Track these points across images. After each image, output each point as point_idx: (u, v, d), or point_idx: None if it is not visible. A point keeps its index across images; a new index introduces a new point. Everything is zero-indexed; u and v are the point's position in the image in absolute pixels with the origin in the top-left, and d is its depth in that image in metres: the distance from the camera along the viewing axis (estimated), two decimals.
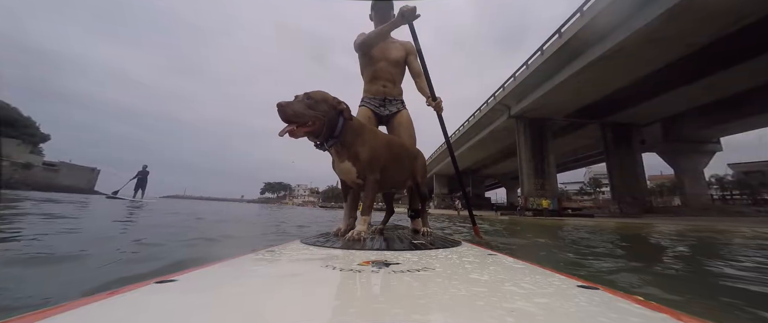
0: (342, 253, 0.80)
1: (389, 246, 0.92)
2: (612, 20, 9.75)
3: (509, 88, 16.04)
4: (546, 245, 2.74)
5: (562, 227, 5.68)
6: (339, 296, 0.44)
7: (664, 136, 17.99)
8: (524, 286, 0.47)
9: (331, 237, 1.15)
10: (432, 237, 1.28)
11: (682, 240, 3.40)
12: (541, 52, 13.24)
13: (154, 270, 1.19)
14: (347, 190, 1.34)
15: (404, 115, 1.87)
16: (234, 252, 0.75)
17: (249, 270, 0.60)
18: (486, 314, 0.35)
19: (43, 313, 0.31)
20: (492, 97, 18.33)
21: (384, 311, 0.34)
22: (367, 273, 0.55)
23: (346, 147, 1.15)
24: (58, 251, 1.44)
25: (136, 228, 2.70)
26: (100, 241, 1.87)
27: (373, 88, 1.86)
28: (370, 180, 1.18)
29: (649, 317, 0.34)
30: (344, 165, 1.17)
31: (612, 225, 6.41)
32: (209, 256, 1.27)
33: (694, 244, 2.99)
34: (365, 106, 1.86)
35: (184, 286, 0.45)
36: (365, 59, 1.87)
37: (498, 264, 0.69)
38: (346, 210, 1.31)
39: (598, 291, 0.44)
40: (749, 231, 4.79)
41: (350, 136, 1.15)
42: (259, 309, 0.36)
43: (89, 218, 3.45)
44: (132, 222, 3.13)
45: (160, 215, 4.42)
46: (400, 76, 1.93)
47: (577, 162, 31.27)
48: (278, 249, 0.85)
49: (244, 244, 2.34)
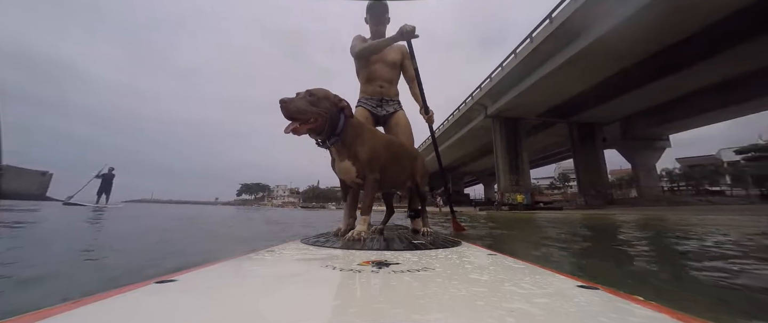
0: (342, 253, 0.80)
1: (389, 246, 0.92)
2: (577, 26, 10.60)
3: (486, 88, 16.81)
4: (525, 237, 3.01)
5: (535, 219, 6.11)
6: (339, 296, 0.44)
7: (622, 134, 19.74)
8: (524, 286, 0.47)
9: (331, 237, 1.15)
10: (432, 237, 1.28)
11: (641, 228, 3.83)
12: (514, 55, 14.05)
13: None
14: (347, 190, 1.33)
15: (401, 116, 1.90)
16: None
17: (249, 270, 0.60)
18: (486, 314, 0.35)
19: (43, 313, 0.31)
20: (470, 97, 19.08)
21: (384, 311, 0.34)
22: (367, 273, 0.55)
23: (347, 146, 1.14)
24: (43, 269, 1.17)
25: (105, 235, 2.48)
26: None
27: (369, 88, 1.89)
28: (369, 179, 1.18)
29: (649, 317, 0.34)
30: (344, 164, 1.17)
31: (578, 217, 6.96)
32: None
33: (650, 231, 3.41)
34: (362, 107, 1.88)
35: (184, 286, 0.45)
36: (362, 61, 1.90)
37: (498, 264, 0.69)
38: (345, 210, 1.31)
39: (598, 291, 0.44)
40: (694, 219, 5.39)
41: (350, 135, 1.14)
42: (259, 309, 0.36)
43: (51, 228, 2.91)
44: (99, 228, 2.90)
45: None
46: (397, 77, 1.96)
47: (547, 159, 33.37)
48: (278, 249, 0.85)
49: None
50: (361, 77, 1.93)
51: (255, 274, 0.57)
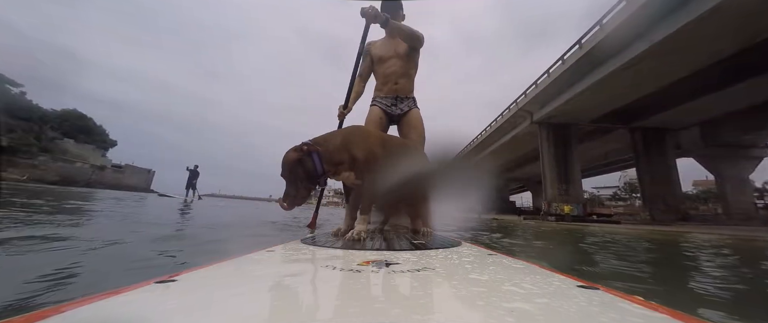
0: (342, 253, 0.80)
1: (389, 246, 0.92)
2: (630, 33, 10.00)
3: (531, 95, 16.29)
4: (547, 255, 2.66)
5: (579, 233, 5.66)
6: (339, 296, 0.44)
7: (703, 141, 17.14)
8: (524, 286, 0.47)
9: (331, 237, 1.16)
10: (432, 237, 1.28)
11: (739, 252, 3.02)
12: (562, 62, 13.54)
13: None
14: (349, 191, 1.36)
15: (414, 114, 1.87)
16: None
17: (249, 270, 0.61)
18: (486, 314, 0.35)
19: (43, 313, 0.32)
20: (514, 103, 18.60)
21: (384, 311, 0.34)
22: (367, 273, 0.55)
23: (335, 164, 1.17)
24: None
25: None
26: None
27: (384, 87, 1.87)
28: (367, 179, 1.19)
29: (649, 317, 0.34)
30: (344, 175, 1.21)
31: (636, 233, 6.04)
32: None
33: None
34: (376, 106, 1.87)
35: (184, 286, 0.45)
36: (375, 61, 1.89)
37: (498, 264, 0.69)
38: (347, 210, 1.34)
39: (598, 291, 0.44)
40: None
41: (337, 154, 1.16)
42: (259, 309, 0.36)
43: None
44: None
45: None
46: (413, 70, 1.90)
47: (608, 166, 29.99)
48: (278, 249, 0.85)
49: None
50: (377, 76, 1.92)
51: (255, 274, 0.58)
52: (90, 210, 3.79)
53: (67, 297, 0.84)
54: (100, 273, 1.17)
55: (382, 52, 1.86)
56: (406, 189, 1.25)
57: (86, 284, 1.03)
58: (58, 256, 1.29)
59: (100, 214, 3.45)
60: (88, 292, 0.43)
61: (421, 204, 1.43)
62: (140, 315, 0.34)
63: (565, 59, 13.28)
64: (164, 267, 1.30)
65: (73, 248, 1.45)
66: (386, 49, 1.85)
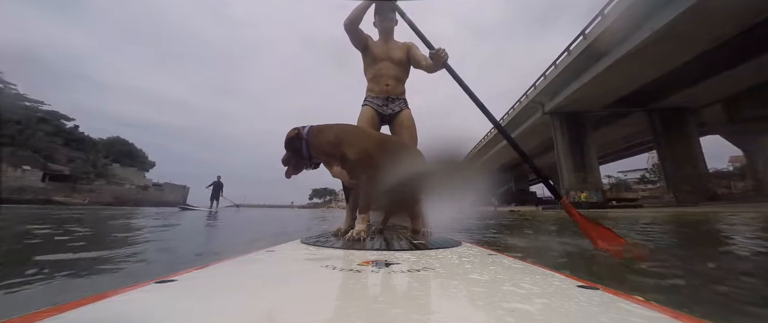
0: (342, 253, 0.81)
1: (389, 246, 0.93)
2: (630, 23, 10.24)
3: (541, 86, 16.54)
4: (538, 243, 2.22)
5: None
6: (339, 296, 0.44)
7: (728, 117, 16.59)
8: (524, 286, 0.47)
9: (331, 237, 1.18)
10: (432, 237, 1.27)
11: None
12: (567, 53, 13.83)
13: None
14: (349, 191, 1.38)
15: (406, 115, 1.90)
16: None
17: (249, 270, 0.61)
18: (486, 314, 0.35)
19: (43, 313, 0.32)
20: (524, 95, 18.84)
21: (384, 311, 0.34)
22: (366, 273, 0.55)
23: (326, 154, 1.22)
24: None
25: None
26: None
27: (376, 87, 1.89)
28: (362, 178, 1.20)
29: (649, 317, 0.34)
30: (334, 170, 1.24)
31: (658, 216, 5.78)
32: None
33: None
34: (368, 105, 1.89)
35: (184, 286, 0.45)
36: (368, 59, 1.93)
37: (498, 264, 0.69)
38: (347, 210, 1.35)
39: (598, 291, 0.44)
40: None
41: (322, 144, 1.22)
42: (259, 309, 0.36)
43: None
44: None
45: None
46: (404, 76, 1.96)
47: (630, 149, 29.10)
48: (278, 249, 0.86)
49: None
50: (368, 75, 1.95)
51: (255, 274, 0.59)
52: (173, 223, 3.91)
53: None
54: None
55: (377, 52, 1.91)
56: (406, 190, 1.24)
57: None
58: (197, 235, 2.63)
59: (176, 223, 3.80)
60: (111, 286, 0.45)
61: (420, 205, 1.42)
62: (140, 315, 0.34)
63: (571, 50, 13.55)
64: (164, 267, 1.32)
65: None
66: (381, 51, 1.92)
